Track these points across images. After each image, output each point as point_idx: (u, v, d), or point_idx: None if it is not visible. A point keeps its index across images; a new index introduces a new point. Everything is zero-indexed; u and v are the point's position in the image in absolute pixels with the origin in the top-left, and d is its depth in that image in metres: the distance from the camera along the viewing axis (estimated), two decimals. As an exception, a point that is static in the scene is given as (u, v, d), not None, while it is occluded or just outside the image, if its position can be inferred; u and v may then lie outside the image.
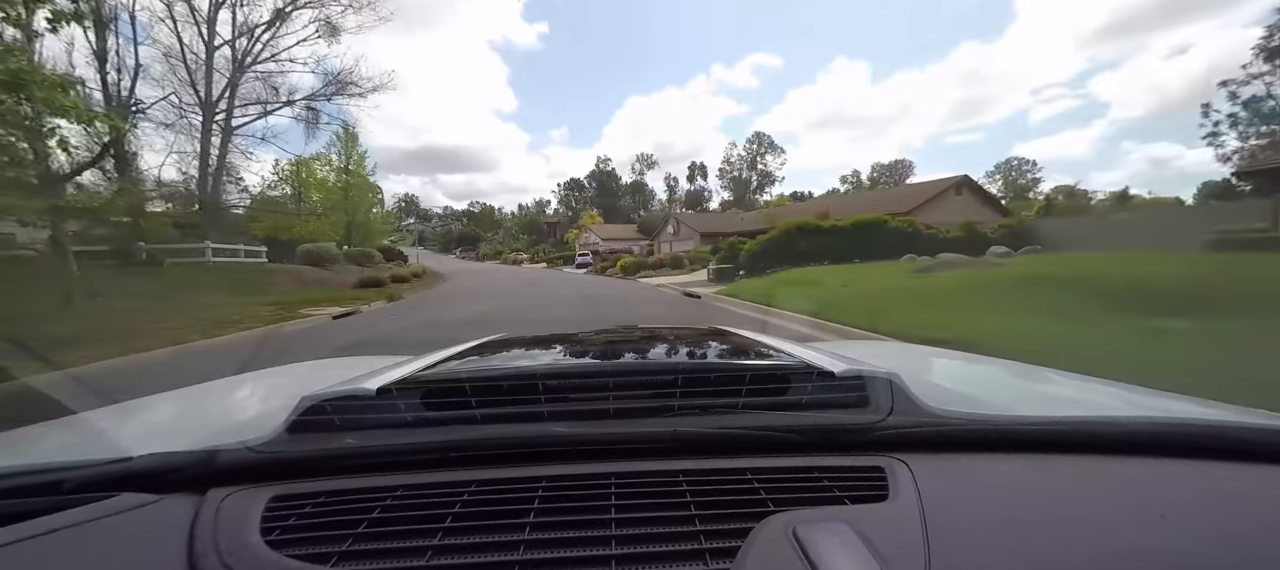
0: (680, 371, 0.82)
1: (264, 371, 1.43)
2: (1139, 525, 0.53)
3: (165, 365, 5.85)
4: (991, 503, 0.58)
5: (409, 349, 1.47)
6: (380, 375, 0.79)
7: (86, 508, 0.55)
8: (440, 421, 0.71)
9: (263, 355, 6.43)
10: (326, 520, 0.54)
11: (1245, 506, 0.57)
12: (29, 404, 3.59)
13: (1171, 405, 0.87)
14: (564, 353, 1.15)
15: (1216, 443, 0.67)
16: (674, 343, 1.30)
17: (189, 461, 0.62)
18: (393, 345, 6.80)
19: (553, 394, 0.75)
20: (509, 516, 0.54)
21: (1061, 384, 1.13)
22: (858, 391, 0.74)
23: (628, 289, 17.62)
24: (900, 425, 0.68)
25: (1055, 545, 0.49)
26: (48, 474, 0.60)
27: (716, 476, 0.60)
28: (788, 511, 0.52)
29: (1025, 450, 0.67)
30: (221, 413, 1.08)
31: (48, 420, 0.94)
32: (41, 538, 0.51)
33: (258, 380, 1.34)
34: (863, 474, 0.60)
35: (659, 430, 0.68)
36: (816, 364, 0.80)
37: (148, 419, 1.01)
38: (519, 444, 0.66)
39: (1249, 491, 0.60)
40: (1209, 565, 0.48)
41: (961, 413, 0.71)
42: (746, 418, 0.71)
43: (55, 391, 4.20)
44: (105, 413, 1.02)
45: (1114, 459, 0.65)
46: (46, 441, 0.87)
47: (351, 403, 0.71)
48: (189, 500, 0.58)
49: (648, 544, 0.50)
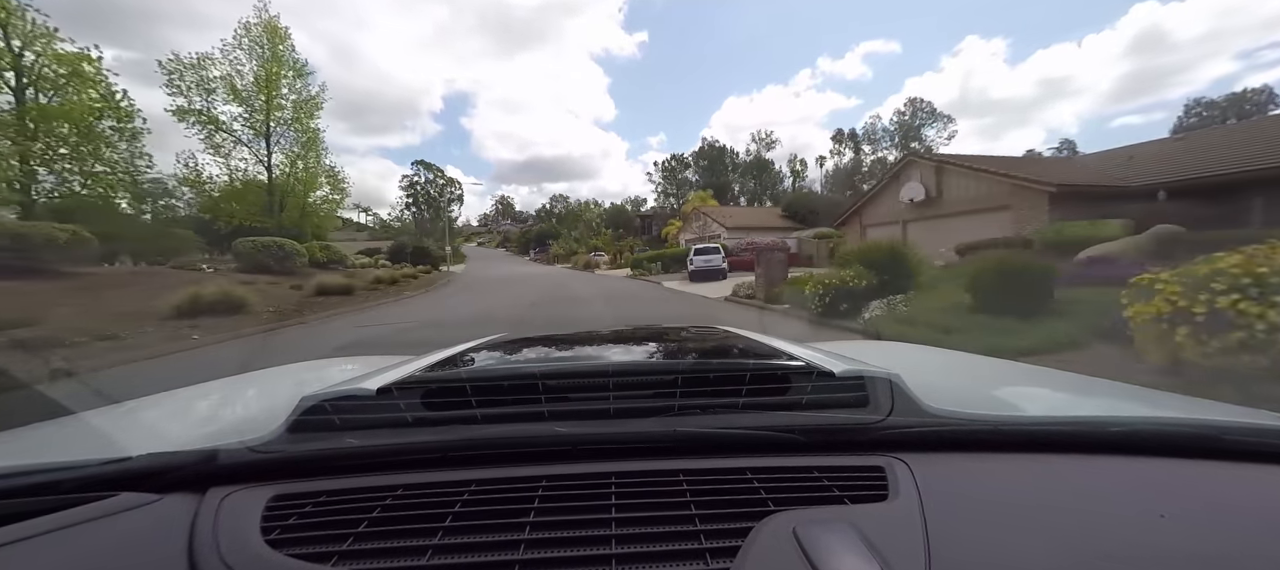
0: (680, 371, 0.82)
1: (264, 371, 1.43)
2: (1139, 525, 0.53)
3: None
4: (991, 503, 0.58)
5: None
6: (380, 375, 0.79)
7: (86, 507, 0.55)
8: (440, 421, 0.71)
9: (262, 355, 6.29)
10: (327, 520, 0.54)
11: (1245, 506, 0.58)
12: (29, 404, 3.59)
13: (1171, 405, 0.87)
14: (564, 352, 1.15)
15: (1216, 443, 0.67)
16: (674, 342, 1.30)
17: (189, 461, 0.62)
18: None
19: (553, 394, 0.75)
20: (509, 516, 0.54)
21: (1061, 384, 1.13)
22: (858, 391, 0.74)
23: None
24: (900, 425, 0.68)
25: (1055, 545, 0.49)
26: (48, 474, 0.60)
27: (717, 476, 0.60)
28: (788, 511, 0.52)
29: (1025, 450, 0.67)
30: (221, 412, 1.08)
31: (48, 420, 0.94)
32: (41, 538, 0.51)
33: (258, 380, 1.34)
34: (863, 474, 0.60)
35: (659, 430, 0.68)
36: (817, 364, 0.80)
37: (147, 419, 1.01)
38: (519, 444, 0.66)
39: (1249, 491, 0.60)
40: (1209, 565, 0.48)
41: (962, 413, 0.71)
42: (747, 417, 0.71)
43: (55, 391, 4.19)
44: (105, 413, 1.02)
45: (1114, 459, 0.65)
46: (46, 441, 0.87)
47: (352, 402, 0.71)
48: (189, 500, 0.58)
49: (648, 543, 0.50)
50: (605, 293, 15.35)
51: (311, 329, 9.23)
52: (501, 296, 15.16)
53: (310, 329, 9.24)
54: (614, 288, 17.63)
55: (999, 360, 1.36)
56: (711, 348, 1.21)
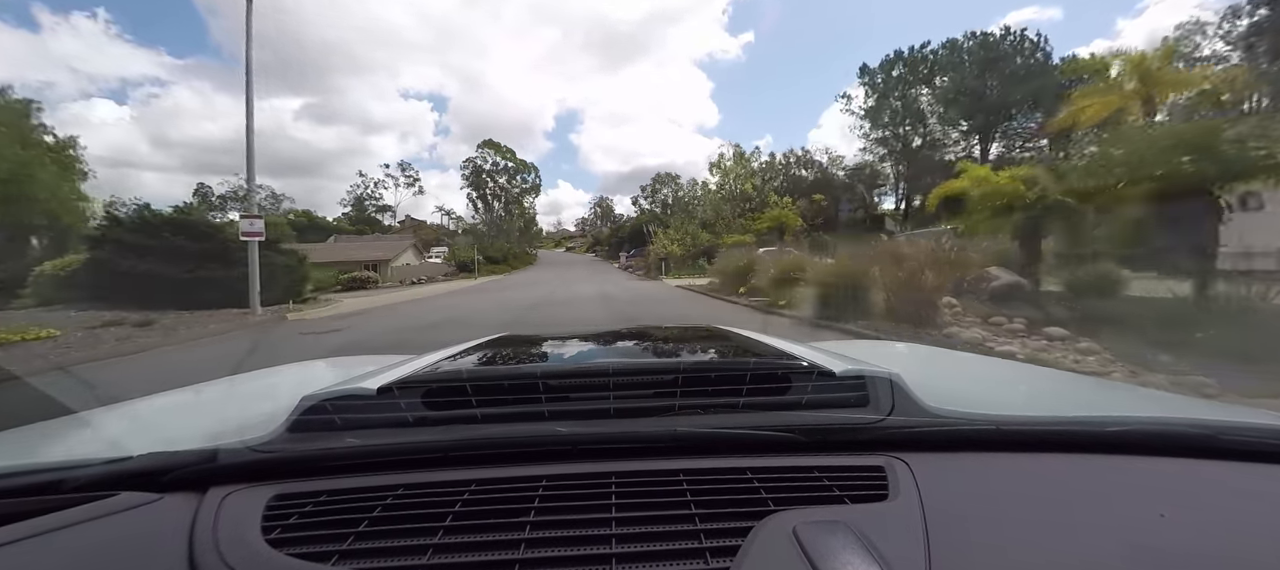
0: (680, 371, 0.82)
1: (264, 371, 1.43)
2: (1139, 525, 0.53)
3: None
4: (992, 502, 0.58)
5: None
6: (381, 375, 0.79)
7: (86, 507, 0.55)
8: (441, 421, 0.71)
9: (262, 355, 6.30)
10: (327, 519, 0.54)
11: (1245, 506, 0.58)
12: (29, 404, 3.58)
13: (1172, 405, 0.87)
14: (564, 352, 1.15)
15: (1216, 443, 0.67)
16: (674, 342, 1.30)
17: (189, 460, 0.62)
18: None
19: (553, 393, 0.74)
20: (509, 515, 0.54)
21: (1062, 384, 1.13)
22: (858, 391, 0.74)
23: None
24: (901, 425, 0.68)
25: (1055, 545, 0.49)
26: (48, 474, 0.60)
27: (717, 476, 0.60)
28: (788, 511, 0.52)
29: (1025, 450, 0.67)
30: (222, 412, 1.08)
31: (48, 420, 0.94)
32: (41, 537, 0.51)
33: (258, 379, 1.34)
34: (863, 474, 0.60)
35: (659, 430, 0.68)
36: (817, 363, 0.80)
37: (147, 418, 1.01)
38: (519, 443, 0.66)
39: (1249, 491, 0.60)
40: (1209, 564, 0.48)
41: (962, 413, 0.71)
42: (747, 417, 0.71)
43: (55, 391, 4.19)
44: (105, 412, 1.03)
45: (1114, 459, 0.65)
46: (46, 441, 0.87)
47: (352, 402, 0.71)
48: (189, 499, 0.57)
49: (648, 543, 0.50)
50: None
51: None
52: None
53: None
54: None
55: (999, 360, 1.36)
56: (711, 347, 1.21)
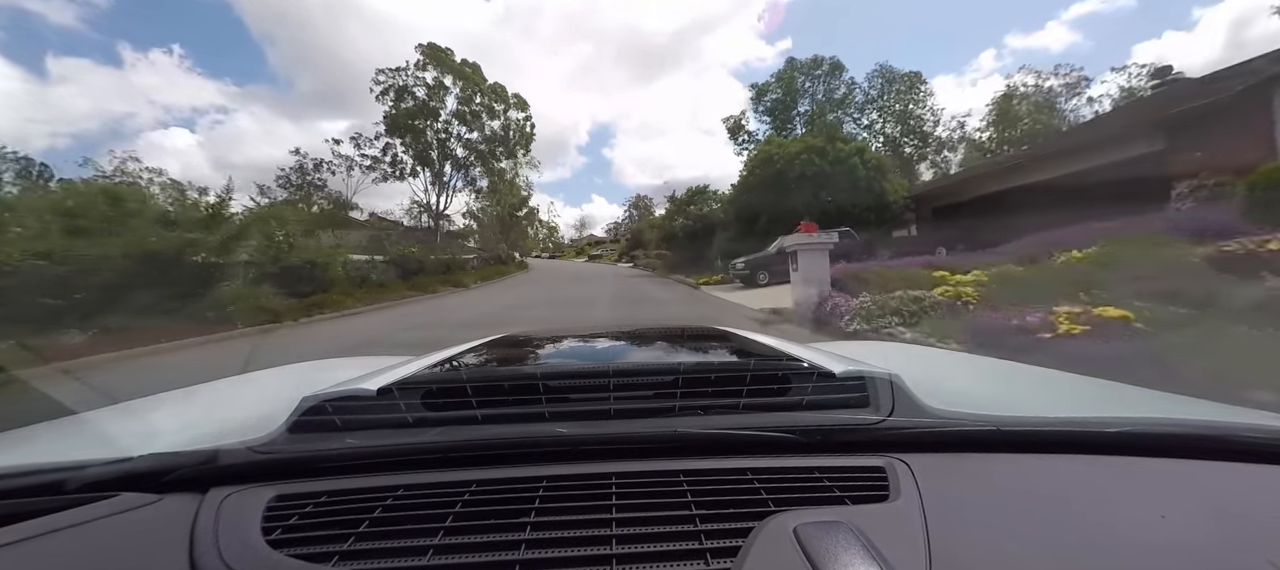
0: (681, 371, 0.82)
1: (265, 371, 1.43)
2: (1139, 525, 0.53)
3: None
4: (992, 503, 0.58)
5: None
6: (381, 375, 0.79)
7: (87, 508, 0.55)
8: (441, 421, 0.71)
9: (263, 355, 6.34)
10: (328, 520, 0.54)
11: (1246, 506, 0.57)
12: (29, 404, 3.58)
13: (1171, 405, 0.87)
14: (565, 353, 1.15)
15: (1216, 443, 0.67)
16: (675, 343, 1.30)
17: (190, 461, 0.62)
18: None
19: (553, 394, 0.74)
20: (510, 516, 0.54)
21: (1063, 384, 1.13)
22: (859, 392, 0.74)
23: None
24: (901, 425, 0.68)
25: (1056, 545, 0.49)
26: (48, 474, 0.60)
27: (717, 476, 0.60)
28: (789, 511, 0.52)
29: (1026, 450, 0.67)
30: (222, 412, 1.08)
31: (48, 420, 0.94)
32: (42, 538, 0.51)
33: (259, 380, 1.34)
34: (864, 474, 0.60)
35: (660, 430, 0.68)
36: (817, 364, 0.80)
37: (148, 419, 1.01)
38: (520, 444, 0.66)
39: (1249, 491, 0.60)
40: (1209, 564, 0.48)
41: (962, 413, 0.71)
42: (747, 418, 0.71)
43: (55, 391, 4.19)
44: (106, 413, 1.03)
45: (1114, 459, 0.65)
46: (47, 441, 0.87)
47: (352, 403, 0.71)
48: (190, 500, 0.57)
49: (648, 544, 0.50)
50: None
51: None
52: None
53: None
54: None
55: (999, 360, 1.36)
56: (712, 348, 1.21)
